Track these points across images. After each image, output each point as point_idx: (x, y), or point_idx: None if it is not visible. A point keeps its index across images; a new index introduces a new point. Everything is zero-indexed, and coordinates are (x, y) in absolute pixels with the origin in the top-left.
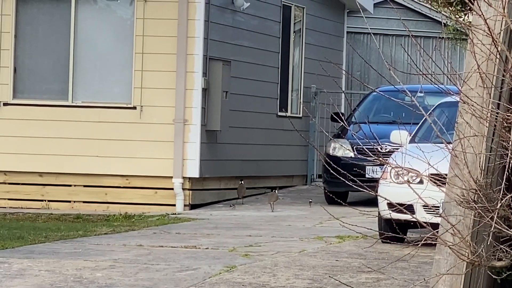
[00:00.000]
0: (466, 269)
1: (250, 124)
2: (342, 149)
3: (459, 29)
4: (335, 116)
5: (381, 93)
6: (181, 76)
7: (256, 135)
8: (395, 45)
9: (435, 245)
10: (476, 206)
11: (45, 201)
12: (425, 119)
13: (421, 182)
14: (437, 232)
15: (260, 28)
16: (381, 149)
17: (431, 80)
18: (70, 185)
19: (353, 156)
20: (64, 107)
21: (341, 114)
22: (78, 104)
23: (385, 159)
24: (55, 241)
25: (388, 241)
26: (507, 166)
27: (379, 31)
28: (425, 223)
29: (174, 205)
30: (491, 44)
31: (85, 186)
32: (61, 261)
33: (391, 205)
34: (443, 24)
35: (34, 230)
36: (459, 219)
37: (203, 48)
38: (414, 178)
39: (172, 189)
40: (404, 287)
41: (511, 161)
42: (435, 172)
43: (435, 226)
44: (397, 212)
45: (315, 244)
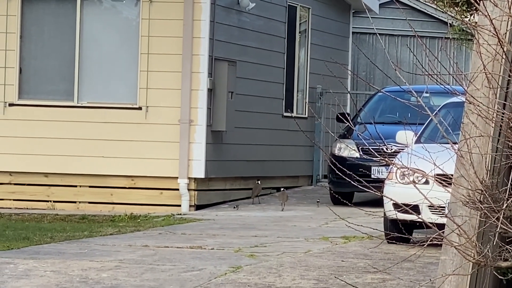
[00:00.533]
0: (472, 270)
1: (255, 124)
2: (347, 150)
3: (465, 29)
4: (340, 116)
5: (387, 93)
6: (186, 76)
7: (261, 135)
8: (400, 45)
9: (441, 245)
10: (482, 206)
11: (51, 201)
12: (431, 119)
13: (427, 182)
14: (443, 232)
15: (265, 28)
16: (386, 149)
17: (437, 80)
18: (75, 186)
19: (358, 156)
20: (69, 107)
21: (346, 114)
22: (83, 104)
23: (391, 159)
24: (61, 241)
25: (393, 241)
26: None
27: (384, 31)
28: (431, 223)
29: (179, 205)
30: (497, 44)
31: (91, 186)
32: (67, 262)
33: (396, 206)
34: (449, 24)
35: (39, 230)
36: (465, 220)
37: (208, 48)
38: (420, 178)
39: (177, 189)
40: (410, 287)
41: None
42: (441, 172)
43: (441, 226)
44: (403, 212)
45: (321, 244)
